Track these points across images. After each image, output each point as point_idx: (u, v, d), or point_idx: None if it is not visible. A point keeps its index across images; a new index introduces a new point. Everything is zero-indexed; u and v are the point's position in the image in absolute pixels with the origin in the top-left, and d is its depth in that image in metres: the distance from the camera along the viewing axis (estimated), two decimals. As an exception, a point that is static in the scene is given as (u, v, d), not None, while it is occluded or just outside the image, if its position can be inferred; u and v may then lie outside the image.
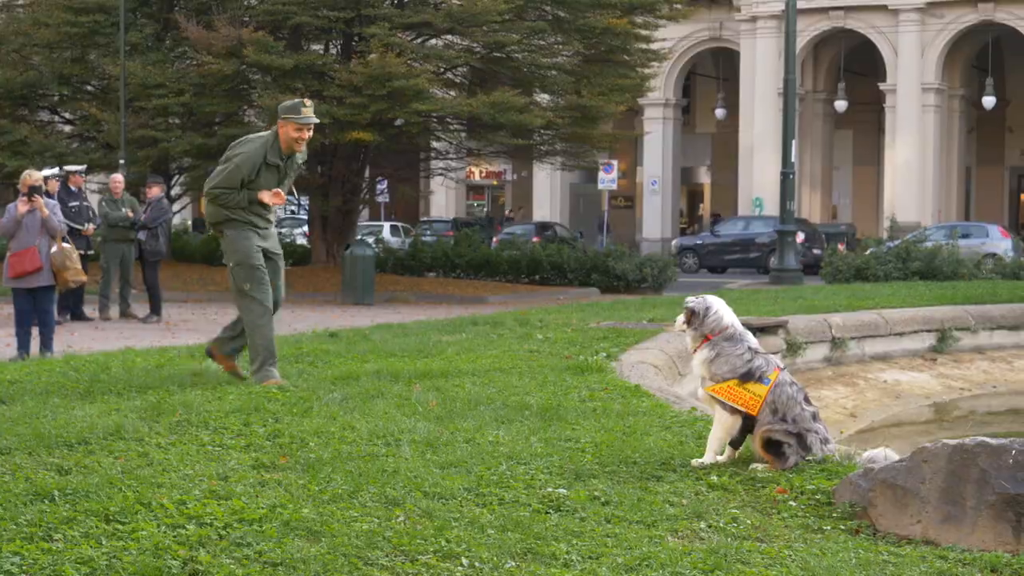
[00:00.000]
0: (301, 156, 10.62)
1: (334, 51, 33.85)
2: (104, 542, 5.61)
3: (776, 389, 7.43)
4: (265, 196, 10.44)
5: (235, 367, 10.88)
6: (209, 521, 5.93)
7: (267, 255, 10.62)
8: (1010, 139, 61.05)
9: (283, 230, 43.64)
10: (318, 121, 10.42)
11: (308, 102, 10.38)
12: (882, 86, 53.25)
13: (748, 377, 7.45)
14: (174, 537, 5.69)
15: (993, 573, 5.70)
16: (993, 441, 6.13)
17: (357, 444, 7.85)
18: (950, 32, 51.87)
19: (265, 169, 10.37)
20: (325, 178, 34.05)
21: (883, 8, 52.38)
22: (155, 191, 22.71)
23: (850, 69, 55.93)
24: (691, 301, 7.74)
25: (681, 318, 7.72)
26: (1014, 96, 58.39)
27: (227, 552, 5.54)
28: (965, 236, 43.28)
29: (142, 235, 22.51)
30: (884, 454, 6.92)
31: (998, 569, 5.72)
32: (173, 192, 37.38)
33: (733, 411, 7.46)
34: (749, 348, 7.56)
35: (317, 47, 33.81)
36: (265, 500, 6.33)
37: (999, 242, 41.67)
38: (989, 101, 52.94)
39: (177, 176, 37.54)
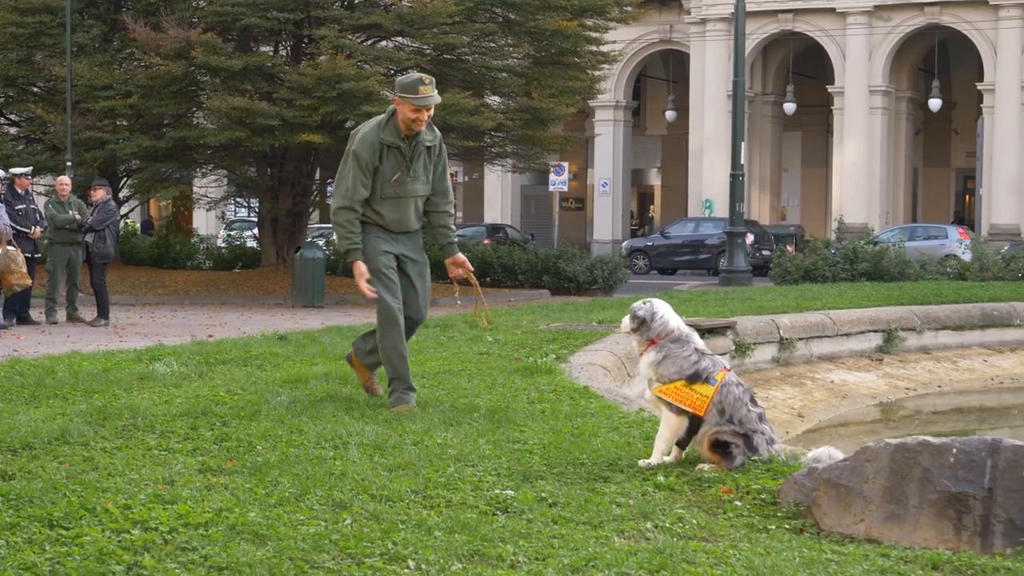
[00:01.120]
0: (431, 136, 9.53)
1: (284, 53, 33.75)
2: (47, 548, 5.57)
3: (723, 390, 7.46)
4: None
5: (371, 381, 9.99)
6: (154, 526, 5.90)
7: (402, 261, 9.57)
8: (956, 141, 61.46)
9: (232, 232, 43.41)
10: (439, 100, 9.38)
11: (428, 79, 9.26)
12: (830, 88, 53.52)
13: (695, 378, 7.48)
14: (118, 542, 5.65)
15: (934, 570, 5.74)
16: (935, 440, 6.18)
17: (305, 447, 7.83)
18: (897, 35, 52.20)
19: (387, 152, 9.33)
20: (275, 180, 33.94)
21: (831, 11, 52.67)
22: (100, 194, 22.55)
23: (799, 72, 56.21)
24: (637, 307, 7.77)
25: (627, 321, 7.75)
26: (960, 98, 58.79)
27: (172, 557, 5.52)
28: (927, 238, 43.77)
29: (89, 238, 22.36)
30: (828, 453, 6.96)
31: (939, 566, 5.77)
32: (121, 195, 37.16)
33: (680, 412, 7.48)
34: (696, 350, 7.59)
35: (267, 49, 33.68)
36: (211, 504, 6.31)
37: (958, 244, 41.96)
38: (935, 103, 53.28)
39: (125, 179, 37.31)
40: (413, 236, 9.64)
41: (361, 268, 9.32)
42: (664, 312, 7.67)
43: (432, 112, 9.29)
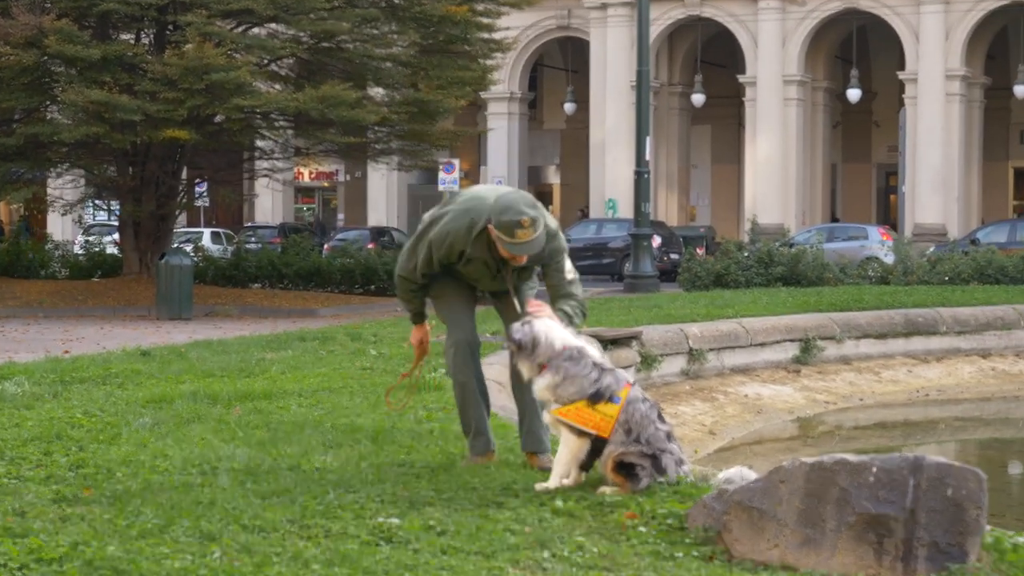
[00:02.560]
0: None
1: (146, 41, 33.43)
2: None
3: (628, 407, 7.47)
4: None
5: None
6: (3, 562, 5.83)
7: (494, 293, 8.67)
8: (877, 134, 62.21)
9: (90, 237, 42.99)
10: (540, 246, 7.99)
11: (528, 220, 7.85)
12: (741, 78, 53.97)
13: (598, 398, 7.47)
14: (-37, 581, 5.59)
15: (854, 599, 5.81)
16: (852, 458, 6.25)
17: (170, 474, 7.77)
18: (813, 21, 52.73)
19: (468, 262, 8.31)
20: (137, 180, 33.61)
21: (742, -5, 53.18)
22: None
23: (708, 60, 56.64)
24: (514, 329, 7.73)
25: (509, 348, 7.74)
26: (881, 88, 59.47)
27: (22, 596, 5.46)
28: (847, 239, 44.15)
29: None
30: (740, 474, 7.00)
31: (859, 595, 5.84)
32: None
33: (581, 434, 7.49)
34: (594, 364, 7.60)
35: (127, 37, 33.34)
36: (66, 537, 6.24)
37: (880, 245, 42.31)
38: (854, 94, 53.82)
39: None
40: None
41: (423, 332, 8.79)
42: (547, 333, 7.63)
43: (525, 261, 8.15)
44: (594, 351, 7.70)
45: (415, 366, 8.95)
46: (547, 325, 7.68)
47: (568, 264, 8.29)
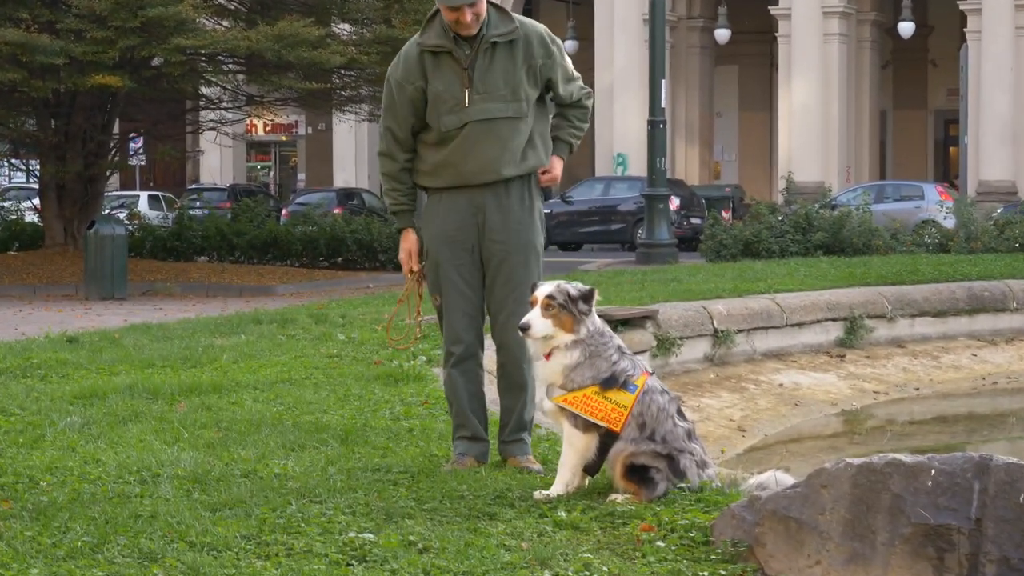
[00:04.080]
0: (506, 27, 8.47)
1: (70, -30, 33.41)
2: None
3: (644, 398, 7.47)
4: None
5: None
6: (-95, 589, 5.86)
7: (484, 246, 8.48)
8: (934, 75, 62.15)
9: (6, 203, 42.95)
10: (472, 3, 8.21)
11: None
12: (773, 10, 53.89)
13: (611, 383, 7.47)
14: None
15: (910, 625, 5.83)
16: (907, 459, 6.24)
17: (103, 482, 7.79)
18: (858, -60, 52.74)
19: (434, 63, 8.32)
20: (60, 135, 33.59)
21: (774, -89, 53.14)
22: None
23: (734, -11, 56.62)
24: (549, 288, 7.62)
25: (539, 316, 7.62)
26: (937, 22, 59.39)
27: (-70, 628, 5.48)
28: (899, 199, 44.15)
29: None
30: (775, 478, 7.00)
31: (916, 620, 5.85)
32: None
33: (588, 427, 7.49)
34: (618, 347, 7.60)
35: (47, -36, 33.34)
36: (-19, 559, 6.27)
37: (939, 206, 42.10)
38: (907, 28, 53.76)
39: None
40: (501, 193, 8.42)
41: (410, 242, 8.59)
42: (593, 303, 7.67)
43: (483, 9, 8.33)
44: (615, 335, 7.70)
45: (407, 291, 8.77)
46: (580, 289, 7.64)
47: (570, 65, 8.59)
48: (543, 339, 7.53)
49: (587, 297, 7.56)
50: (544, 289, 7.59)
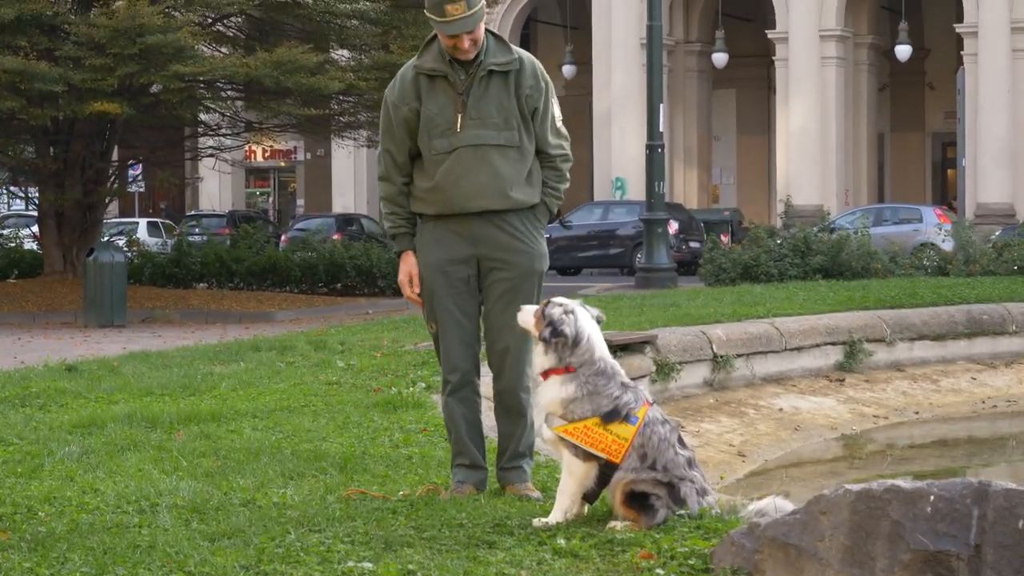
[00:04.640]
0: (505, 58, 8.44)
1: (69, -1, 33.47)
2: None
3: (645, 430, 7.46)
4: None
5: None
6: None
7: (484, 266, 8.47)
8: (931, 98, 62.20)
9: (5, 231, 42.97)
10: (480, 20, 8.28)
11: None
12: (771, 34, 53.99)
13: (612, 416, 7.47)
14: None
15: (910, 653, 5.81)
16: (906, 485, 6.23)
17: (101, 512, 7.77)
18: (854, -36, 52.80)
19: (430, 86, 8.45)
20: (59, 163, 33.61)
21: (771, -65, 53.23)
22: None
23: (731, 14, 56.66)
24: (555, 315, 7.60)
25: (532, 322, 7.65)
26: (934, 44, 59.47)
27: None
28: (897, 222, 44.21)
29: None
30: (775, 505, 6.98)
31: (916, 647, 5.84)
32: None
33: (588, 456, 7.48)
34: (621, 384, 7.58)
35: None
36: (-21, 590, 6.26)
37: (937, 229, 42.09)
38: (904, 51, 53.83)
39: None
40: (492, 220, 8.38)
41: (409, 265, 8.55)
42: (592, 335, 7.62)
43: (481, 35, 8.34)
44: (620, 368, 7.66)
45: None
46: (594, 326, 7.65)
47: (559, 113, 8.64)
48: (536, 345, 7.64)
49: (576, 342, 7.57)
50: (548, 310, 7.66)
